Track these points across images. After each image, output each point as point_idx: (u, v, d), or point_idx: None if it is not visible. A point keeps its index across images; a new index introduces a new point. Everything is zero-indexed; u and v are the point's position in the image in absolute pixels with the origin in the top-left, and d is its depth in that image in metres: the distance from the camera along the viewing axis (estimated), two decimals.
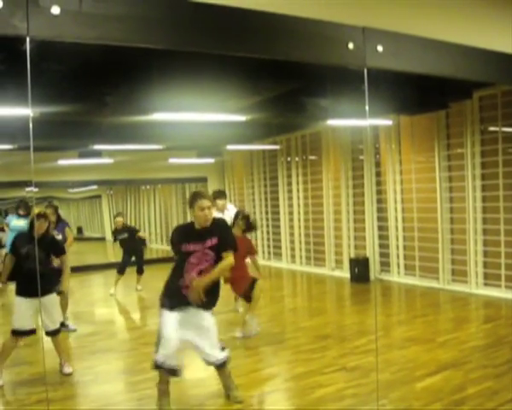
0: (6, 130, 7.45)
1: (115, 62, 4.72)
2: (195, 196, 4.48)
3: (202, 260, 4.46)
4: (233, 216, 7.12)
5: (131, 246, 10.59)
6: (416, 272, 9.80)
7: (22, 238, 5.58)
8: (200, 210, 4.39)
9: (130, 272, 10.51)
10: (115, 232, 10.76)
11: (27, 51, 2.41)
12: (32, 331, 5.42)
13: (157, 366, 4.41)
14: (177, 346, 4.39)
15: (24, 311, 5.33)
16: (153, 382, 4.83)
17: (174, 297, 4.44)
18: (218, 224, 4.61)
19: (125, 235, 10.57)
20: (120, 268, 10.49)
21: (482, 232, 8.58)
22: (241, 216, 6.89)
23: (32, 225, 5.57)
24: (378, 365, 5.15)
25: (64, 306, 7.31)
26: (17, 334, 5.37)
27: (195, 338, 4.51)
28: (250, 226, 6.92)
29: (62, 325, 6.71)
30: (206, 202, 4.41)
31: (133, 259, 10.69)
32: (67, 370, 5.62)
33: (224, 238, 4.53)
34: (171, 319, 4.39)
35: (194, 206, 4.42)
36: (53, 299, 5.61)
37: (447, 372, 5.19)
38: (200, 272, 4.45)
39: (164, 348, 4.34)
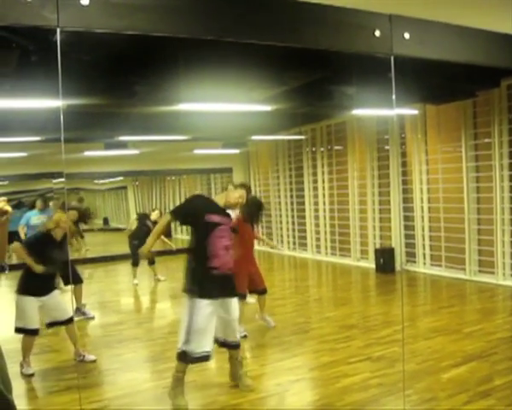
0: (34, 121, 7.56)
1: (143, 52, 4.75)
2: (242, 185, 4.78)
3: (227, 237, 4.42)
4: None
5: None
6: (443, 263, 9.72)
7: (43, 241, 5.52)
8: (236, 195, 4.59)
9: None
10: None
11: (58, 42, 2.44)
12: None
13: (188, 359, 4.38)
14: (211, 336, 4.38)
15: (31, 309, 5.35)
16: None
17: (205, 283, 4.34)
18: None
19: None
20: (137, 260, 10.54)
21: (510, 223, 8.47)
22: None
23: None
24: (404, 355, 5.14)
25: (78, 295, 7.48)
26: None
27: (221, 324, 4.52)
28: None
29: (82, 312, 6.86)
30: (244, 193, 4.66)
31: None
32: (90, 357, 5.71)
33: None
34: (203, 308, 4.30)
35: (234, 189, 4.64)
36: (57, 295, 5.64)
37: (473, 364, 5.15)
38: (227, 249, 4.40)
39: (198, 341, 4.30)
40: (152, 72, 5.78)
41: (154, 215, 10.59)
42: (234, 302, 4.56)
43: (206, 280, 4.34)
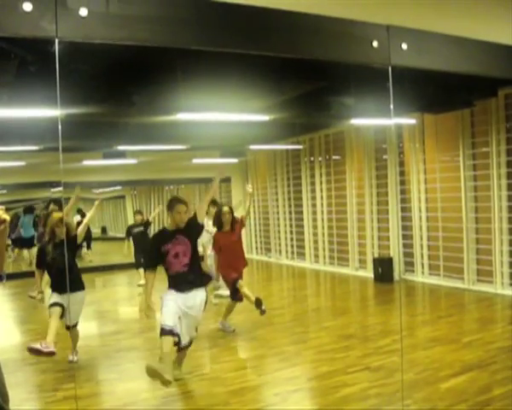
0: (32, 131, 7.56)
1: (141, 62, 4.77)
2: (174, 201, 5.16)
3: (178, 250, 5.06)
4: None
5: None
6: (441, 272, 9.72)
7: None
8: (177, 213, 5.06)
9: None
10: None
11: (56, 53, 2.45)
12: None
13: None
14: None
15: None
16: (176, 380, 4.87)
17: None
18: (192, 224, 5.21)
19: (141, 228, 10.86)
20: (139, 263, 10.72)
21: (508, 232, 8.48)
22: (229, 210, 7.13)
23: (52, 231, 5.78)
24: (403, 365, 5.13)
25: None
26: None
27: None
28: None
29: None
30: (183, 207, 5.09)
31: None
32: (75, 358, 5.98)
33: (194, 229, 5.19)
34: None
35: (173, 210, 5.08)
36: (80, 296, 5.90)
37: (472, 373, 5.14)
38: (176, 256, 5.05)
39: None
40: (150, 81, 5.79)
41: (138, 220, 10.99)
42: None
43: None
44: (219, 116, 7.04)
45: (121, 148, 10.91)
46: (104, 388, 5.37)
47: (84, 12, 2.51)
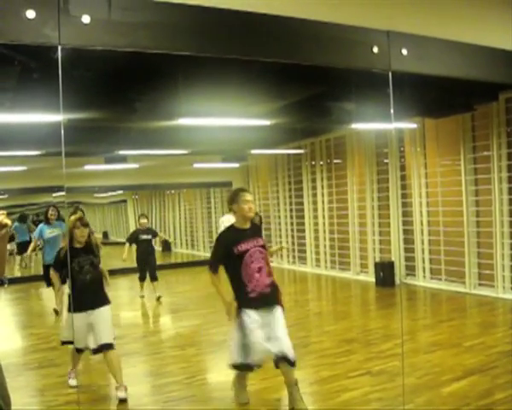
0: (34, 136, 7.59)
1: (143, 68, 4.79)
2: (239, 190, 4.64)
3: (258, 258, 4.50)
4: None
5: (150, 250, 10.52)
6: (442, 277, 9.72)
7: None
8: (244, 203, 4.48)
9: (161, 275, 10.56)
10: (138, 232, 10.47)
11: (59, 59, 2.47)
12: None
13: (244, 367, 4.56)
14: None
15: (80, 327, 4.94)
16: (178, 385, 4.87)
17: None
18: (258, 225, 4.89)
19: (149, 236, 10.46)
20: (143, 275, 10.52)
21: (509, 236, 8.48)
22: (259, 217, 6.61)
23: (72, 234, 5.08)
24: (404, 369, 5.13)
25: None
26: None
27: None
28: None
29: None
30: (249, 196, 4.58)
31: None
32: (121, 394, 4.94)
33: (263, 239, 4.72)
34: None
35: (239, 200, 4.50)
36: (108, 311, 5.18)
37: (474, 377, 5.13)
38: (260, 270, 4.49)
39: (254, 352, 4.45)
40: (152, 87, 5.82)
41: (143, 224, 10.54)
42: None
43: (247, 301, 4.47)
44: (221, 121, 7.07)
45: (123, 153, 10.94)
46: (106, 392, 5.36)
47: (86, 19, 2.53)
